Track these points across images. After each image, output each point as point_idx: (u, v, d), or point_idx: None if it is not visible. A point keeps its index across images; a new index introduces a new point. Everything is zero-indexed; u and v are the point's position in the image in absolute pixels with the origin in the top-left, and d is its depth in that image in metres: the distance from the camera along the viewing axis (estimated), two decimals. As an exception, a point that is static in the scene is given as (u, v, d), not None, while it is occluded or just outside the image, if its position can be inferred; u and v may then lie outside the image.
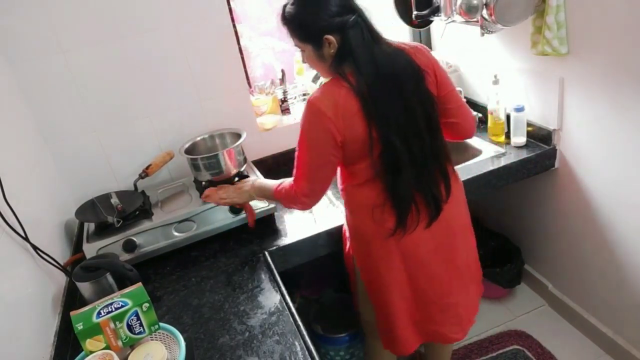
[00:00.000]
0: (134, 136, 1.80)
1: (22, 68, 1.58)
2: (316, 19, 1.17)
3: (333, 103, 1.16)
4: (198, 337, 1.17)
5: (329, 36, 1.16)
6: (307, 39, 1.21)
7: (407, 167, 1.20)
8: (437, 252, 1.33)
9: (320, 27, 1.16)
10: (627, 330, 1.75)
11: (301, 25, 1.20)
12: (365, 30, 1.17)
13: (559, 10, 1.50)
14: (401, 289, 1.36)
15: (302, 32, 1.21)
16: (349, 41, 1.15)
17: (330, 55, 1.19)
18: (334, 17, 1.15)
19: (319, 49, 1.19)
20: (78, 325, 0.94)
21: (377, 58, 1.16)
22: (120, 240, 1.44)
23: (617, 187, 1.59)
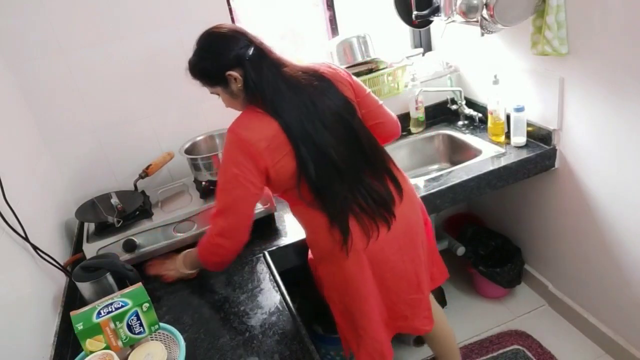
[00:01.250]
0: (134, 136, 1.80)
1: (22, 68, 1.58)
2: (214, 61, 1.20)
3: (253, 128, 1.18)
4: (198, 337, 1.17)
5: (231, 72, 1.18)
6: (213, 82, 1.23)
7: (331, 183, 1.21)
8: (402, 251, 1.33)
9: (220, 66, 1.19)
10: (627, 330, 1.75)
11: (203, 71, 1.23)
12: (264, 57, 1.20)
13: (559, 10, 1.50)
14: (374, 297, 1.34)
15: (207, 77, 1.23)
16: (251, 71, 1.18)
17: (239, 89, 1.21)
18: (228, 53, 1.18)
19: (228, 87, 1.22)
20: (78, 325, 0.94)
21: (283, 80, 1.19)
22: (120, 240, 1.44)
23: (617, 187, 1.59)
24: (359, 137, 1.26)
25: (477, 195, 1.75)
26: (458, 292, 2.31)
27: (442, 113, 2.21)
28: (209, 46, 1.22)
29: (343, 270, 1.29)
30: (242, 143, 1.17)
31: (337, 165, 1.21)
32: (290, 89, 1.20)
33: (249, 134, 1.17)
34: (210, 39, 1.22)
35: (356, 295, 1.32)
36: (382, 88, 2.05)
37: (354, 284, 1.30)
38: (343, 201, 1.23)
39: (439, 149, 2.15)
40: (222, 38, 1.21)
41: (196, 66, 1.23)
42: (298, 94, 1.20)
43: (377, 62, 2.07)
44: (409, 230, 1.35)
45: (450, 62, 2.17)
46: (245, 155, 1.17)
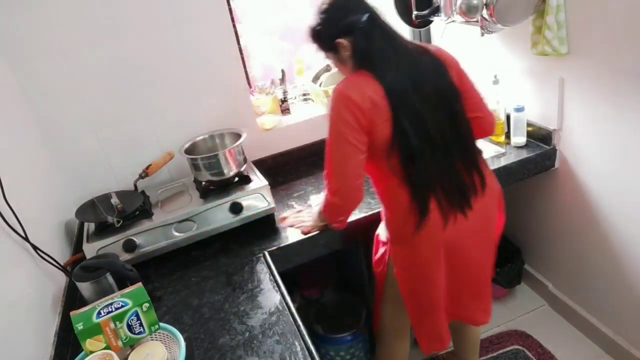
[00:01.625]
0: (134, 136, 1.80)
1: (22, 68, 1.58)
2: (327, 27, 1.25)
3: (359, 89, 1.19)
4: (198, 337, 1.17)
5: (340, 40, 1.22)
6: (326, 48, 1.28)
7: (423, 155, 1.21)
8: (478, 244, 1.35)
9: (330, 33, 1.24)
10: (627, 330, 1.75)
11: (316, 36, 1.28)
12: (377, 28, 1.22)
13: (559, 10, 1.50)
14: (443, 283, 1.36)
15: (320, 43, 1.29)
16: (360, 41, 1.20)
17: (348, 57, 1.24)
18: (340, 20, 1.22)
19: (338, 53, 1.26)
20: (78, 325, 0.94)
21: (393, 53, 1.21)
22: (120, 240, 1.44)
23: (617, 187, 1.59)
24: (458, 123, 1.27)
25: (477, 195, 1.74)
26: (458, 292, 2.31)
27: (442, 113, 2.21)
28: (325, 11, 1.25)
29: (418, 254, 1.30)
30: (348, 102, 1.18)
31: (433, 141, 1.21)
32: (399, 61, 1.21)
33: (355, 94, 1.18)
34: (327, 4, 1.25)
35: (428, 280, 1.33)
36: (382, 88, 2.05)
37: (428, 269, 1.32)
38: (428, 178, 1.24)
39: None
40: (338, 5, 1.24)
41: (311, 30, 1.28)
42: (406, 66, 1.21)
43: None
44: (487, 225, 1.37)
45: (450, 62, 2.16)
46: (351, 114, 1.18)
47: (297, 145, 2.05)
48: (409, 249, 1.32)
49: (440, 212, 1.26)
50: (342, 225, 1.40)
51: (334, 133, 1.23)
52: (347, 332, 1.84)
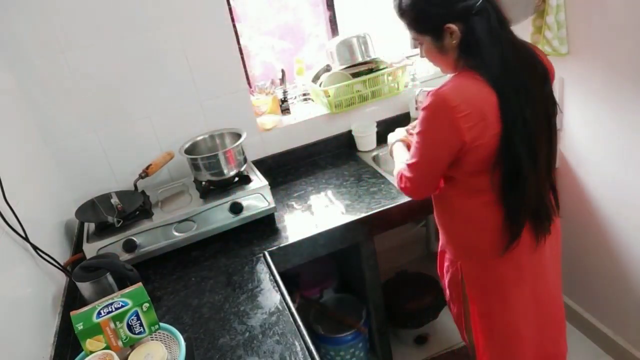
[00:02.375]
0: (134, 136, 1.80)
1: (22, 68, 1.58)
2: (436, 6, 1.04)
3: (468, 98, 1.01)
4: (198, 337, 1.17)
5: (450, 25, 1.03)
6: (425, 30, 1.08)
7: (530, 177, 1.09)
8: (553, 266, 1.28)
9: (441, 14, 1.03)
10: (628, 331, 1.75)
11: (419, 14, 1.07)
12: (493, 16, 1.02)
13: (559, 10, 1.50)
14: (527, 314, 1.25)
15: (420, 23, 1.08)
16: (474, 30, 1.02)
17: (453, 46, 1.06)
18: (457, 2, 1.02)
19: (439, 40, 1.07)
20: (78, 325, 0.94)
21: (506, 50, 1.03)
22: (120, 240, 1.44)
23: (617, 187, 1.59)
24: (553, 141, 1.15)
25: (477, 195, 1.74)
26: (458, 292, 2.31)
27: (442, 113, 2.21)
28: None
29: (495, 271, 1.21)
30: (451, 114, 1.01)
31: (536, 158, 1.08)
32: (516, 62, 1.03)
33: (463, 104, 1.00)
34: None
35: (505, 300, 1.23)
36: (382, 88, 2.05)
37: (505, 288, 1.22)
38: (528, 198, 1.11)
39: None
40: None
41: (413, 5, 1.06)
42: (520, 68, 1.04)
43: (377, 62, 2.07)
44: (559, 248, 1.32)
45: (450, 62, 2.17)
46: (452, 129, 1.02)
47: (297, 145, 2.05)
48: (483, 266, 1.21)
49: (532, 233, 1.17)
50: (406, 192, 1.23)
51: (427, 141, 1.09)
52: (347, 332, 1.84)
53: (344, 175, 1.89)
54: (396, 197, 1.64)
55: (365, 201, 1.66)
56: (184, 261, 1.50)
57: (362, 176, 1.85)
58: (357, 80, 2.01)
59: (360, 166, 1.94)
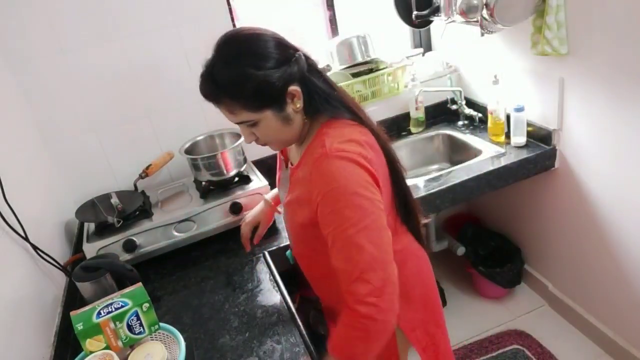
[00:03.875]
0: (134, 136, 1.80)
1: (22, 68, 1.58)
2: (272, 72, 0.89)
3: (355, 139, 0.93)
4: (198, 337, 1.17)
5: (293, 87, 0.91)
6: (263, 104, 0.91)
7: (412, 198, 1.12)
8: None
9: (282, 79, 0.90)
10: (627, 330, 1.75)
11: (258, 88, 0.89)
12: (314, 66, 0.99)
13: (559, 10, 1.50)
14: None
15: (257, 97, 0.90)
16: (316, 83, 0.95)
17: (296, 110, 0.94)
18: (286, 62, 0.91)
19: (281, 109, 0.93)
20: (78, 325, 0.94)
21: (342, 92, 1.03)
22: (120, 240, 1.44)
23: (617, 187, 1.59)
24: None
25: (477, 195, 1.74)
26: (458, 292, 2.31)
27: (442, 113, 2.21)
28: (262, 52, 0.89)
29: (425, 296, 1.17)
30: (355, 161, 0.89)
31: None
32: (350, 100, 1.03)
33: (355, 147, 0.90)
34: (258, 43, 0.91)
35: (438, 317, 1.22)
36: (382, 88, 2.05)
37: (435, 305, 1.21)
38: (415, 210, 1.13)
39: (439, 149, 2.15)
40: (270, 42, 0.91)
41: (244, 82, 0.88)
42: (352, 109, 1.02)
43: (377, 62, 2.07)
44: None
45: (450, 62, 2.17)
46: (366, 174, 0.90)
47: (297, 145, 2.04)
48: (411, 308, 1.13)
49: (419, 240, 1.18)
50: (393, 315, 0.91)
51: (355, 208, 0.86)
52: (347, 332, 1.84)
53: (344, 175, 1.89)
54: (396, 197, 1.64)
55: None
56: (184, 261, 1.50)
57: (362, 176, 1.85)
58: (357, 80, 2.01)
59: (360, 166, 1.94)
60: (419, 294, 1.17)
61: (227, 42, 0.93)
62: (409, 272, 1.09)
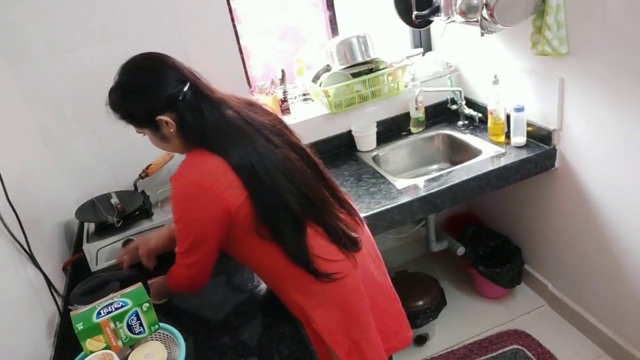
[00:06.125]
0: (134, 136, 1.78)
1: (22, 68, 1.58)
2: (140, 102, 1.06)
3: (208, 172, 1.04)
4: (198, 337, 1.16)
5: (161, 117, 1.04)
6: (141, 125, 1.10)
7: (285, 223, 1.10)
8: (376, 265, 1.30)
9: (147, 110, 1.05)
10: (627, 330, 1.75)
11: (127, 113, 1.08)
12: (202, 97, 1.07)
13: (559, 10, 1.50)
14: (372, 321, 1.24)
15: (133, 120, 1.09)
16: (187, 115, 1.04)
17: (172, 134, 1.07)
18: (161, 94, 1.04)
19: (157, 131, 1.08)
20: (78, 325, 0.94)
21: (227, 126, 1.07)
22: (120, 240, 1.44)
23: (617, 187, 1.59)
24: (322, 171, 1.21)
25: (477, 195, 1.74)
26: (458, 292, 2.31)
27: (442, 113, 2.21)
28: (133, 84, 1.07)
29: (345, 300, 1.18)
30: (199, 190, 1.04)
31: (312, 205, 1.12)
32: (237, 128, 1.08)
33: (203, 177, 1.04)
34: (134, 75, 1.08)
35: (362, 323, 1.21)
36: (382, 88, 2.05)
37: (357, 314, 1.20)
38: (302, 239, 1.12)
39: (439, 149, 2.15)
40: (148, 74, 1.06)
41: (118, 106, 1.08)
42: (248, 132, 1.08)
43: (377, 62, 2.07)
44: (371, 242, 1.33)
45: (450, 62, 2.17)
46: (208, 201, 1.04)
47: (297, 145, 2.05)
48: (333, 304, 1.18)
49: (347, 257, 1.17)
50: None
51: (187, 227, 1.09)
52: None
53: (344, 175, 1.89)
54: (396, 197, 1.64)
55: (365, 201, 1.66)
56: (184, 261, 1.49)
57: (362, 176, 1.85)
58: (357, 80, 2.01)
59: (360, 166, 1.94)
60: (336, 297, 1.17)
61: (120, 70, 1.10)
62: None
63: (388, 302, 1.32)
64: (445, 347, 2.03)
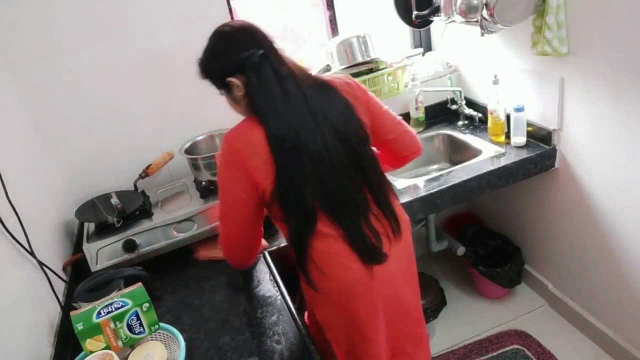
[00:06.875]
0: (134, 136, 1.80)
1: (22, 68, 1.58)
2: (216, 64, 1.14)
3: (245, 137, 1.11)
4: (198, 337, 1.17)
5: (231, 79, 1.11)
6: (217, 85, 1.17)
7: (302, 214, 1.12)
8: (407, 284, 1.26)
9: (220, 70, 1.12)
10: (627, 330, 1.75)
11: (206, 73, 1.16)
12: (268, 66, 1.09)
13: (559, 10, 1.50)
14: (382, 336, 1.22)
15: (212, 80, 1.17)
16: (254, 80, 1.09)
17: (241, 97, 1.13)
18: (234, 57, 1.10)
19: (230, 92, 1.15)
20: (78, 325, 0.94)
21: (281, 96, 1.09)
22: (120, 240, 1.44)
23: (617, 187, 1.59)
24: (370, 174, 1.17)
25: (477, 195, 1.74)
26: (458, 292, 2.31)
27: (442, 113, 2.21)
28: (212, 47, 1.15)
29: (351, 310, 1.17)
30: (233, 151, 1.11)
31: (306, 197, 1.09)
32: (287, 105, 1.09)
33: (241, 142, 1.11)
34: (214, 39, 1.15)
35: (365, 336, 1.19)
36: (382, 88, 2.05)
37: (363, 325, 1.18)
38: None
39: (439, 149, 2.15)
40: (226, 39, 1.13)
41: (200, 67, 1.17)
42: (294, 111, 1.09)
43: (377, 62, 2.07)
44: (410, 259, 1.27)
45: (450, 62, 2.17)
46: (236, 165, 1.11)
47: (297, 145, 2.04)
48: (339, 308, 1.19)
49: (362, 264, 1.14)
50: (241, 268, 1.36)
51: (223, 182, 1.15)
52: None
53: (344, 175, 1.89)
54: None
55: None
56: (184, 261, 1.50)
57: (362, 176, 1.85)
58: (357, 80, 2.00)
59: (360, 166, 1.94)
60: (341, 302, 1.17)
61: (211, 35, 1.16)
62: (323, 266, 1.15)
63: (409, 323, 1.29)
64: (446, 347, 2.03)
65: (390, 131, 1.28)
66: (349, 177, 1.13)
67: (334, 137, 1.11)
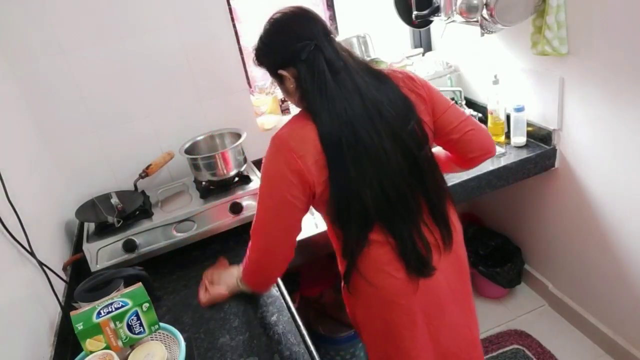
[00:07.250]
0: (134, 136, 1.80)
1: (22, 68, 1.58)
2: (268, 55, 1.09)
3: (299, 133, 1.04)
4: (198, 337, 1.16)
5: (281, 71, 1.06)
6: (271, 75, 1.12)
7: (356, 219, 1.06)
8: (457, 302, 1.19)
9: (272, 61, 1.08)
10: (627, 330, 1.75)
11: (260, 62, 1.12)
12: (321, 59, 1.02)
13: (559, 10, 1.50)
14: (426, 356, 1.17)
15: (265, 68, 1.12)
16: (305, 74, 1.03)
17: (293, 89, 1.08)
18: (285, 49, 1.04)
19: (282, 83, 1.10)
20: (78, 325, 0.94)
21: (337, 92, 1.02)
22: (120, 240, 1.44)
23: (617, 187, 1.59)
24: (428, 178, 1.10)
25: (477, 195, 1.74)
26: (458, 292, 2.31)
27: (442, 113, 2.21)
28: (265, 37, 1.08)
29: (387, 320, 1.14)
30: (285, 149, 1.03)
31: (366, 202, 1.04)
32: (344, 99, 1.02)
33: (294, 140, 1.03)
34: (267, 28, 1.08)
35: (402, 349, 1.15)
36: (382, 88, 2.05)
37: (400, 336, 1.14)
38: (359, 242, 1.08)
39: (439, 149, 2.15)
40: (278, 29, 1.07)
41: (257, 54, 1.12)
42: (354, 106, 1.02)
43: (377, 62, 2.07)
44: (461, 277, 1.21)
45: (450, 62, 2.17)
46: (290, 165, 1.02)
47: (297, 145, 2.04)
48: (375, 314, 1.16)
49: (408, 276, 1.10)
50: (262, 290, 1.25)
51: (268, 184, 1.08)
52: (347, 332, 1.84)
53: (344, 175, 1.89)
54: (396, 197, 1.64)
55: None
56: (184, 261, 1.50)
57: (362, 176, 1.85)
58: (357, 80, 2.00)
59: (360, 166, 1.94)
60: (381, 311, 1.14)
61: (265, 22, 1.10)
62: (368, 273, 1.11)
63: (462, 346, 1.22)
64: (445, 347, 2.03)
65: (454, 131, 1.17)
66: (406, 180, 1.06)
67: (390, 136, 1.04)
